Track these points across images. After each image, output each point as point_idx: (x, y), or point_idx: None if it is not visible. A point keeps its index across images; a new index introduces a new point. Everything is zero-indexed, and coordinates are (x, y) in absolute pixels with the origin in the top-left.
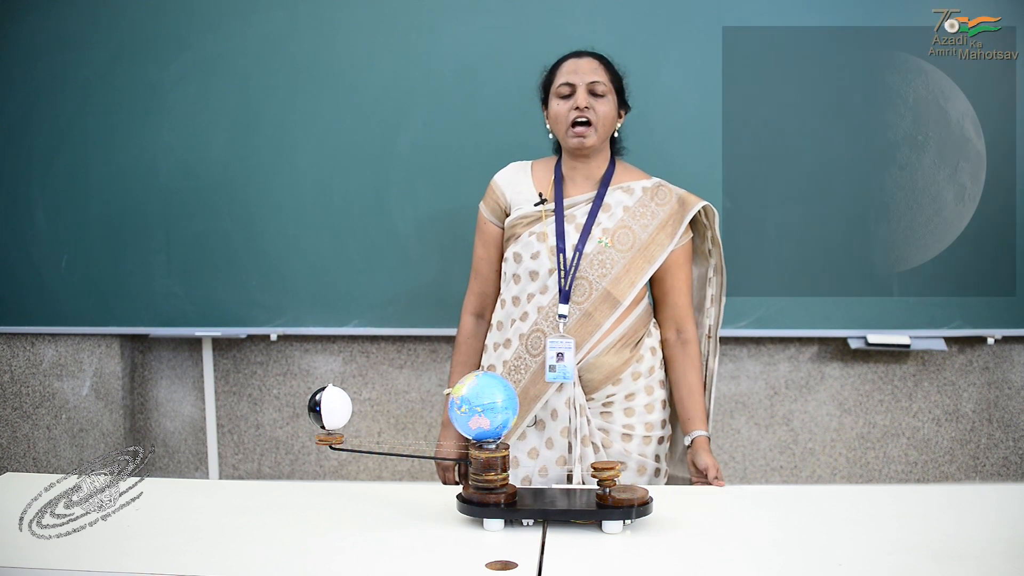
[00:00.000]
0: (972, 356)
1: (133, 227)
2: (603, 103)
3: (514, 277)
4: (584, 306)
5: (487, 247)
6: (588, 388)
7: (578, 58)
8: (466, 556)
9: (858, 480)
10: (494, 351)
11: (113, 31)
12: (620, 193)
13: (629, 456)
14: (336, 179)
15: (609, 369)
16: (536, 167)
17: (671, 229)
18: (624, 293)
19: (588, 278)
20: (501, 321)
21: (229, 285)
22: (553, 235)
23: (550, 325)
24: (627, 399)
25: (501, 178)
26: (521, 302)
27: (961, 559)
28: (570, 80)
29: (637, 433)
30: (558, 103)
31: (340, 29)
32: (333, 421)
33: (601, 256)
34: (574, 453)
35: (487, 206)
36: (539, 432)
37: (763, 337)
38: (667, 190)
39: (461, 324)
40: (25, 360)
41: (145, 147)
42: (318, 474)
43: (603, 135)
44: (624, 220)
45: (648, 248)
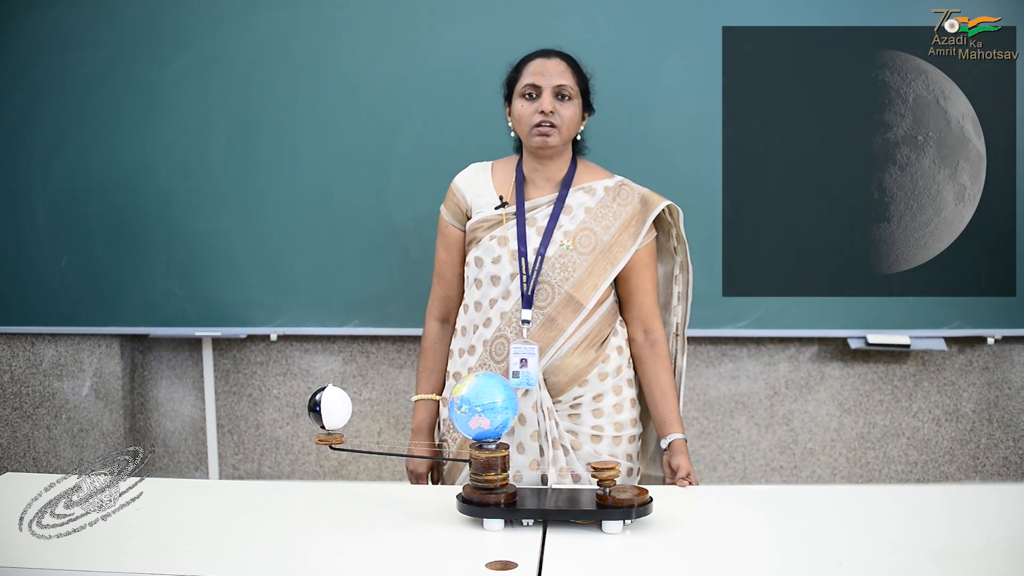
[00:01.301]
0: (972, 356)
1: (133, 227)
2: (568, 106)
3: (476, 282)
4: (547, 311)
5: (449, 250)
6: (554, 391)
7: (546, 58)
8: (466, 556)
9: (858, 480)
10: (459, 357)
11: (113, 31)
12: (582, 194)
13: (600, 456)
14: (336, 179)
15: (574, 371)
16: (497, 168)
17: (634, 229)
18: (587, 296)
19: (551, 282)
20: (465, 327)
21: (229, 285)
22: (515, 239)
23: (513, 331)
24: (595, 400)
25: (461, 180)
26: (483, 307)
27: (961, 559)
28: (536, 82)
29: (607, 434)
30: (522, 104)
31: (340, 29)
32: (333, 421)
33: (563, 259)
34: (546, 456)
35: (448, 209)
36: (509, 438)
37: (763, 337)
38: (630, 189)
39: (426, 329)
40: (25, 360)
41: (145, 147)
42: (318, 474)
43: (566, 137)
44: (586, 222)
45: (611, 249)
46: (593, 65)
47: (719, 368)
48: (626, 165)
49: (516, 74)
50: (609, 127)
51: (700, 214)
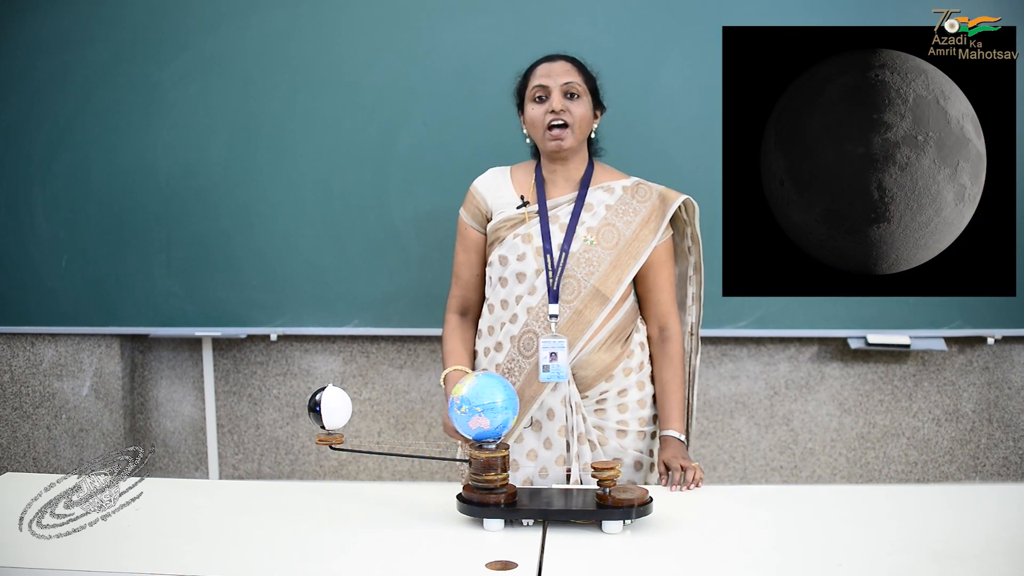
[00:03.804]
0: (972, 356)
1: (133, 227)
2: (578, 104)
3: (500, 280)
4: (574, 304)
5: (468, 252)
6: (582, 386)
7: (551, 62)
8: (466, 556)
9: (858, 480)
10: (485, 356)
11: (113, 31)
12: (601, 192)
13: (625, 452)
14: (336, 179)
15: (602, 365)
16: (515, 171)
17: (654, 224)
18: (612, 289)
19: (576, 276)
20: (492, 326)
21: (229, 285)
22: (538, 236)
23: (541, 325)
24: (620, 395)
25: (481, 183)
26: (509, 305)
27: (961, 559)
28: (543, 83)
29: (632, 428)
30: (533, 107)
31: (340, 29)
32: (333, 421)
33: (588, 254)
34: (572, 451)
35: (468, 212)
36: (536, 433)
37: (763, 337)
38: (647, 187)
39: (445, 323)
40: (25, 360)
41: (145, 147)
42: (318, 474)
43: (580, 136)
44: (607, 218)
45: (633, 244)
46: (593, 65)
47: (719, 368)
48: (626, 165)
49: (524, 81)
50: (609, 127)
51: (700, 214)
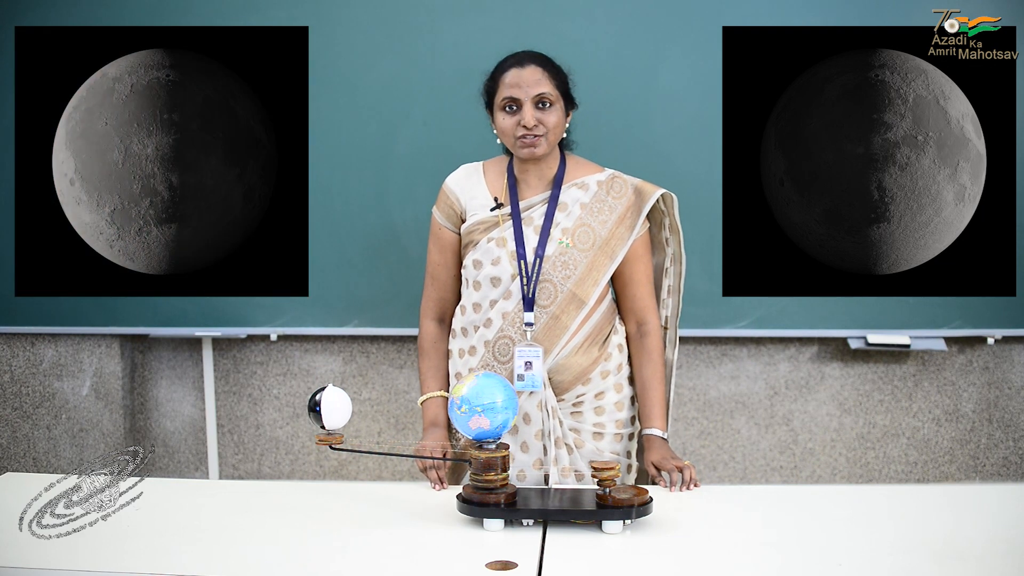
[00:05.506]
0: (972, 356)
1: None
2: (550, 113)
3: (475, 284)
4: (551, 309)
5: (443, 252)
6: (558, 390)
7: (520, 68)
8: (466, 556)
9: (858, 480)
10: (459, 358)
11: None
12: (575, 190)
13: (602, 454)
14: (336, 179)
15: (579, 369)
16: (488, 168)
17: (630, 221)
18: (589, 293)
19: (553, 280)
20: (465, 327)
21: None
22: (512, 240)
23: (517, 332)
24: (597, 398)
25: (453, 182)
26: (483, 308)
27: (961, 559)
28: (514, 95)
29: (608, 431)
30: (504, 117)
31: (340, 29)
32: (333, 421)
33: (563, 257)
34: (549, 455)
35: (442, 212)
36: (513, 437)
37: (763, 337)
38: (622, 181)
39: (423, 330)
40: (25, 360)
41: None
42: (318, 474)
43: (553, 141)
44: (583, 218)
45: (609, 244)
46: (593, 65)
47: (719, 368)
48: (626, 165)
49: (493, 84)
50: (609, 127)
51: (700, 214)
